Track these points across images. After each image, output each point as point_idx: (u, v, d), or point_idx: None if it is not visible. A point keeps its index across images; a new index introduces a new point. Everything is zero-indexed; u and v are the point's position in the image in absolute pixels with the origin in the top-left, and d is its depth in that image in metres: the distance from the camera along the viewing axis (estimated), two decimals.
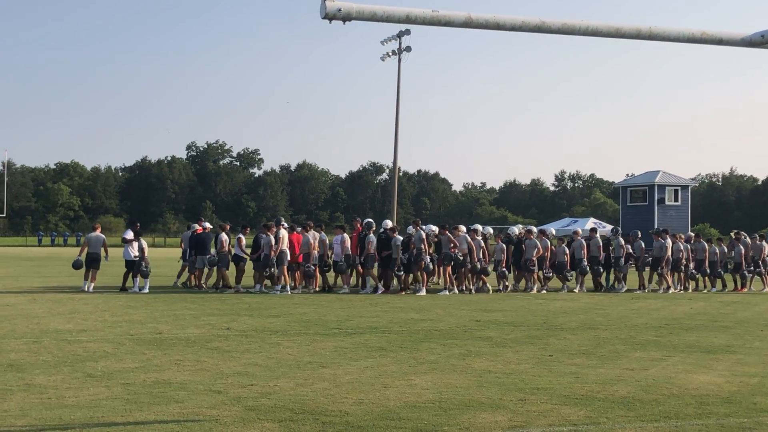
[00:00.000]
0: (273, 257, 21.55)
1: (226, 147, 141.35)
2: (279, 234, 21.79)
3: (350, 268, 23.02)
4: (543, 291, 23.51)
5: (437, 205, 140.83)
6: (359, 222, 23.43)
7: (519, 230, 25.30)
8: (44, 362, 10.27)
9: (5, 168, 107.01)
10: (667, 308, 19.00)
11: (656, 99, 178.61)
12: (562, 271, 23.96)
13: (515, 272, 24.36)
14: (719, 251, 25.58)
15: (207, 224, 23.74)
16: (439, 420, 7.49)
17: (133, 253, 21.83)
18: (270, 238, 21.56)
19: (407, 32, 55.46)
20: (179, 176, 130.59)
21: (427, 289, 22.25)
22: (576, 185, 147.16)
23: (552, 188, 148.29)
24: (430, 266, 22.11)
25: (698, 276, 25.51)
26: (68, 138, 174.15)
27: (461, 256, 22.23)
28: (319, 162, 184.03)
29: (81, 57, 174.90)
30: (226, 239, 22.52)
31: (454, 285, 22.66)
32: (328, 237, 23.95)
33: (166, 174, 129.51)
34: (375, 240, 22.44)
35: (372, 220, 23.66)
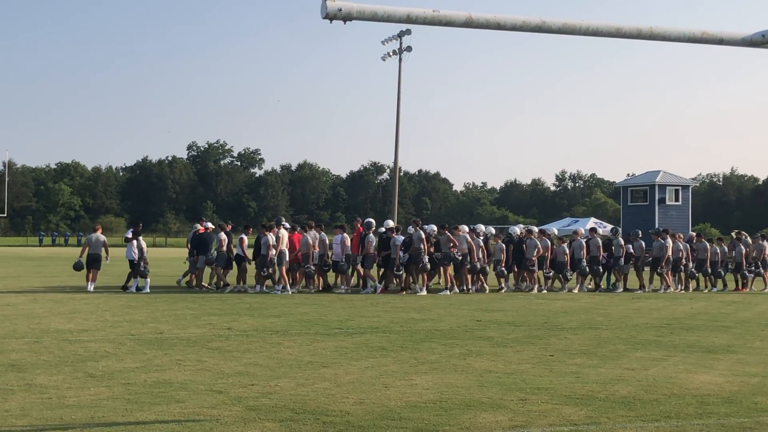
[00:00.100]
0: (274, 257, 21.58)
1: (227, 147, 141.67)
2: (279, 234, 21.81)
3: (350, 268, 23.05)
4: (544, 291, 23.52)
5: (438, 205, 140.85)
6: (360, 222, 23.44)
7: (520, 230, 25.31)
8: (45, 362, 10.28)
9: (6, 168, 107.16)
10: (668, 308, 19.00)
11: (657, 99, 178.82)
12: (562, 271, 23.97)
13: (516, 272, 24.38)
14: (720, 251, 25.58)
15: (209, 224, 23.73)
16: (440, 420, 7.49)
17: (133, 253, 21.84)
18: (267, 238, 21.60)
19: (408, 32, 55.47)
20: (180, 176, 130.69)
21: (428, 289, 22.27)
22: (577, 185, 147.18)
23: (553, 188, 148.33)
24: (428, 266, 22.10)
25: (698, 275, 25.53)
26: (69, 138, 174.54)
27: (460, 256, 22.23)
28: (320, 162, 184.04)
29: (82, 57, 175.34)
30: (225, 238, 22.52)
31: (455, 285, 22.67)
32: (328, 237, 23.95)
33: (167, 174, 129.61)
34: (375, 240, 22.46)
35: (372, 220, 23.67)
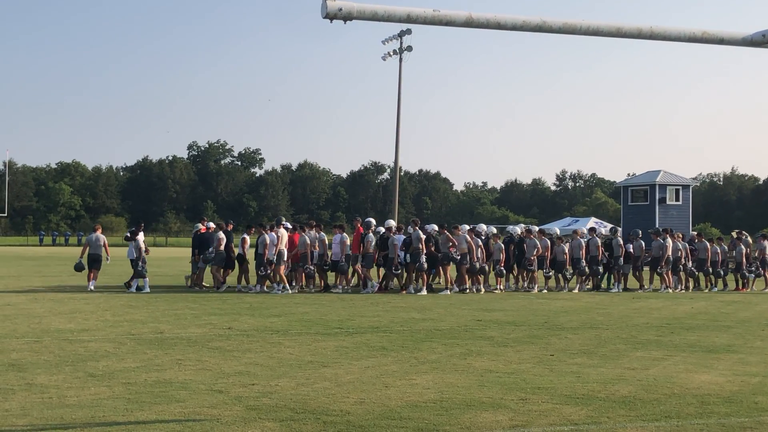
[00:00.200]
0: (272, 257, 21.60)
1: (228, 146, 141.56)
2: (279, 233, 21.82)
3: (350, 268, 23.07)
4: (544, 291, 23.51)
5: (438, 205, 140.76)
6: (359, 222, 23.44)
7: (521, 230, 25.31)
8: (45, 362, 10.28)
9: (7, 168, 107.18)
10: (669, 308, 19.00)
11: (657, 98, 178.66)
12: (562, 271, 23.96)
13: (517, 272, 24.38)
14: (720, 251, 25.57)
15: (211, 224, 23.72)
16: (441, 419, 7.49)
17: (134, 253, 21.86)
18: (265, 237, 21.65)
19: (408, 32, 55.53)
20: (180, 176, 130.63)
21: (429, 289, 22.26)
22: (577, 185, 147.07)
23: (553, 188, 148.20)
24: (424, 265, 22.07)
25: (698, 274, 25.51)
26: (69, 138, 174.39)
27: (458, 256, 22.22)
28: (321, 161, 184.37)
29: (82, 57, 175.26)
30: (223, 238, 22.49)
31: (454, 284, 22.66)
32: (327, 237, 23.96)
33: (168, 174, 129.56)
34: (374, 239, 22.47)
35: (372, 220, 23.67)
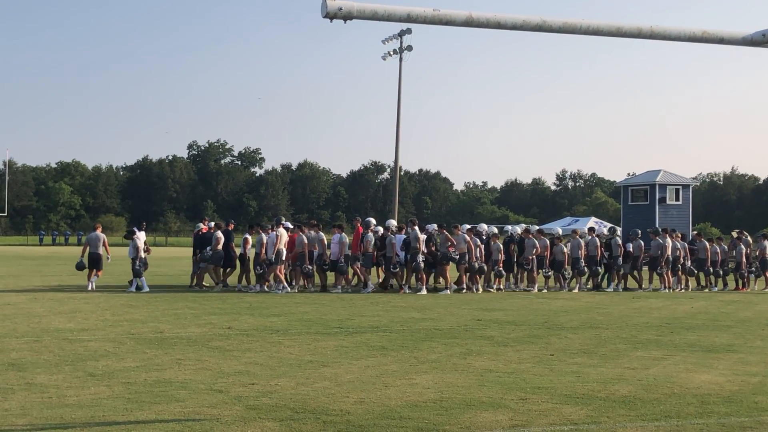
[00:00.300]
0: (271, 256, 21.62)
1: (228, 146, 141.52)
2: (278, 233, 21.84)
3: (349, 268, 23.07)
4: (544, 291, 23.51)
5: (438, 205, 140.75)
6: (359, 221, 23.44)
7: (521, 230, 25.30)
8: (45, 361, 10.28)
9: (6, 167, 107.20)
10: (669, 307, 19.00)
11: (657, 98, 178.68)
12: (561, 270, 23.95)
13: (518, 272, 24.37)
14: (720, 250, 25.56)
15: (212, 224, 23.71)
16: (440, 419, 7.49)
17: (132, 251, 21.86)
18: (261, 237, 21.68)
19: (408, 31, 55.51)
20: (180, 175, 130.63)
21: (429, 289, 22.27)
22: (577, 184, 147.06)
23: (553, 187, 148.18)
24: (421, 265, 22.06)
25: (698, 273, 25.51)
26: (69, 137, 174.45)
27: (457, 255, 22.22)
28: (321, 161, 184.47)
29: (82, 57, 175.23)
30: (221, 237, 22.47)
31: (453, 284, 22.65)
32: (326, 236, 23.96)
33: (168, 173, 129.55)
34: (373, 239, 22.46)
35: (371, 219, 23.67)
